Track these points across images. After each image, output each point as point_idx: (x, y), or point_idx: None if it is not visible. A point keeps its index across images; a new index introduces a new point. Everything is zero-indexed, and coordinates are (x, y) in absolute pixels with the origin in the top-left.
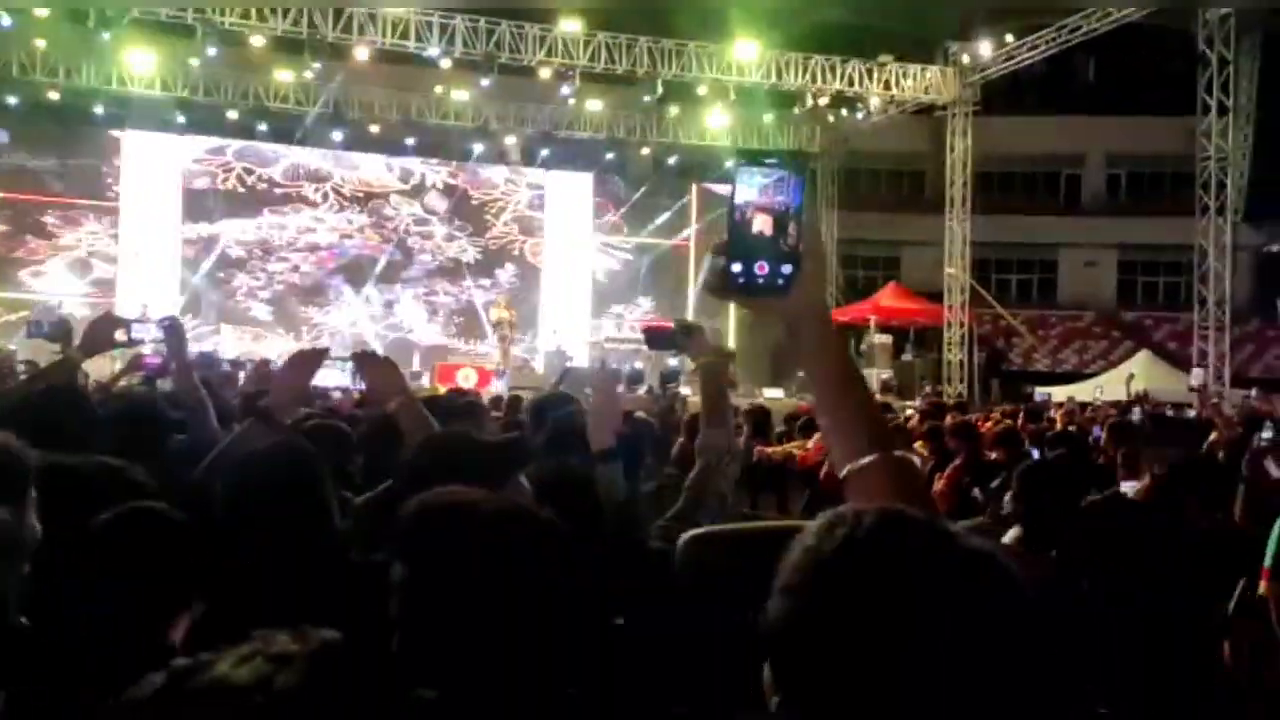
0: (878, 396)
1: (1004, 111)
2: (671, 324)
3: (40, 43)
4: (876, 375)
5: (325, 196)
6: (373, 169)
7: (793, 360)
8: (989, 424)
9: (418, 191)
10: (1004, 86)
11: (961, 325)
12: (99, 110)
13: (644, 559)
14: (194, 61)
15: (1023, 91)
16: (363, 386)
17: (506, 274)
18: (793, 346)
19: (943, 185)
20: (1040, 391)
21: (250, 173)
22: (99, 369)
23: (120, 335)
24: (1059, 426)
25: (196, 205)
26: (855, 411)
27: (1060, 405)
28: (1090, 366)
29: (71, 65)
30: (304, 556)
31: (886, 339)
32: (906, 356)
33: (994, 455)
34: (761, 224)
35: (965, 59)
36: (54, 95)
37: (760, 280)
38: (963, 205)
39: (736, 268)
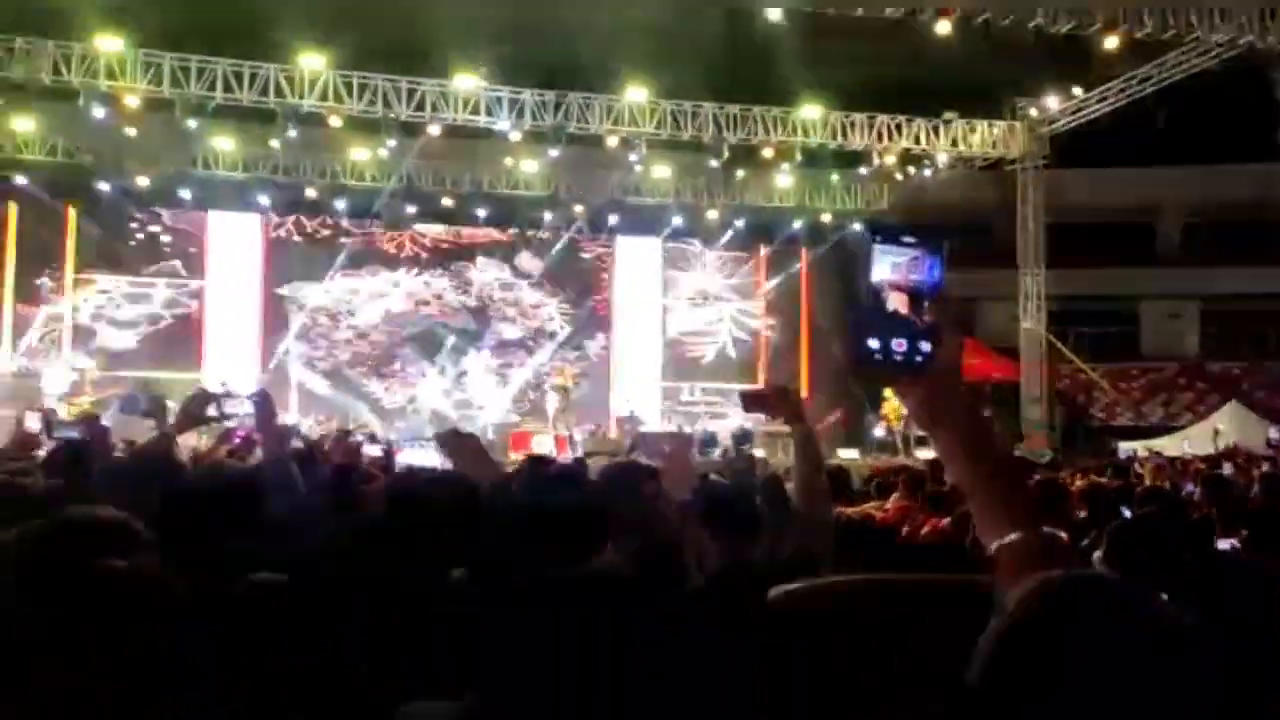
0: None
1: (1075, 163)
2: (768, 388)
3: (130, 131)
4: None
5: (401, 248)
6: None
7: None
8: (1075, 481)
9: (512, 249)
10: (1074, 137)
11: (1040, 382)
12: (185, 194)
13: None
14: (274, 143)
15: (1094, 142)
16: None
17: (595, 345)
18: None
19: (1015, 239)
20: (1124, 446)
21: (314, 215)
22: (184, 441)
23: (213, 410)
24: (1148, 482)
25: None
26: (999, 486)
27: (1146, 460)
28: (1177, 420)
29: (160, 153)
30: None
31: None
32: (985, 414)
33: (1081, 514)
34: (897, 302)
35: (1033, 113)
36: (143, 181)
37: (898, 357)
38: (1036, 259)
39: (873, 344)
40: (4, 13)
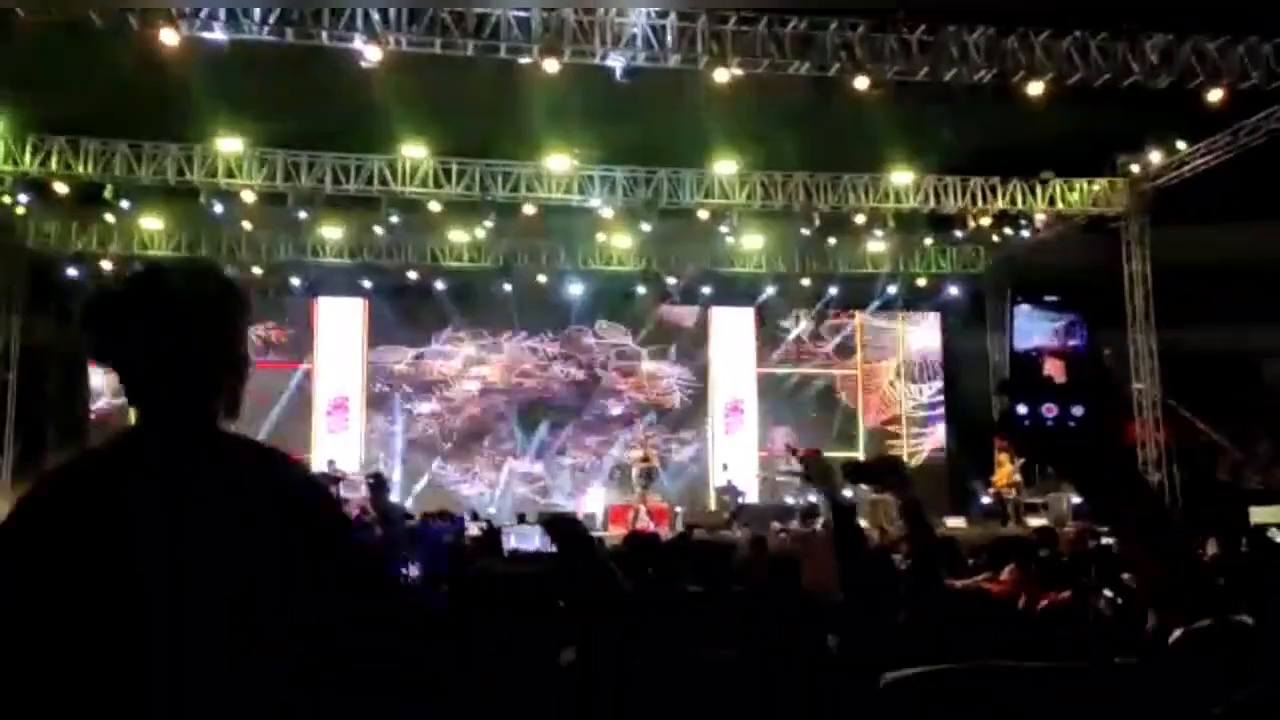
0: (1070, 523)
1: (1182, 217)
2: (878, 460)
3: (246, 225)
4: (1067, 499)
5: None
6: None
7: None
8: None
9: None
10: (1181, 191)
11: (1158, 444)
12: (296, 281)
13: None
14: (378, 229)
15: (1201, 195)
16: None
17: (702, 415)
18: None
19: (1123, 297)
20: (1257, 512)
21: (416, 296)
22: None
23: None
24: None
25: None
26: (1176, 566)
27: None
28: None
29: (272, 243)
30: None
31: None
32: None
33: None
34: (1052, 368)
35: (1134, 169)
36: (257, 270)
37: (1049, 423)
38: (1146, 318)
39: (1022, 410)
40: (136, 120)
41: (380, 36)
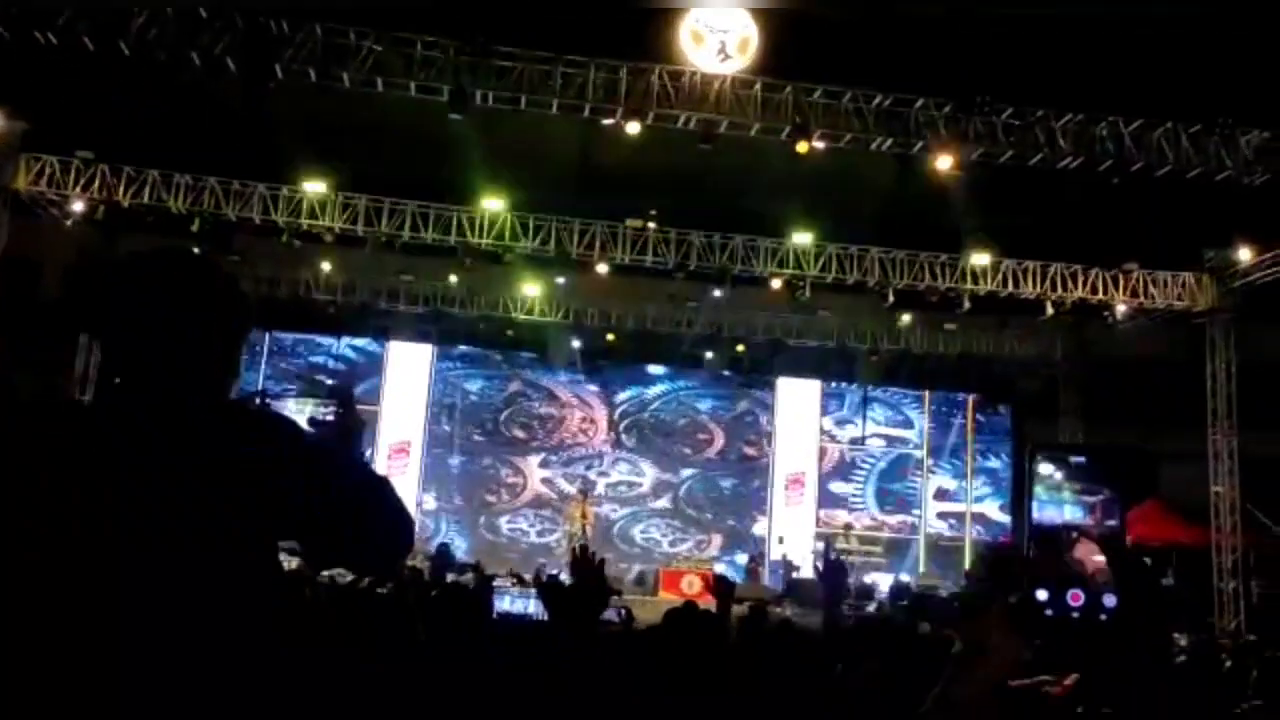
0: None
1: (1271, 316)
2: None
3: (325, 266)
4: None
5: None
6: None
7: None
8: None
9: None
10: (1269, 288)
11: (1234, 551)
12: (370, 324)
13: None
14: (453, 278)
15: None
16: None
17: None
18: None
19: (1204, 395)
20: None
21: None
22: None
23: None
24: None
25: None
26: None
27: None
28: None
29: (347, 283)
30: None
31: (1144, 561)
32: (1168, 581)
33: None
34: (1085, 552)
35: (1222, 263)
36: (332, 310)
37: (1074, 612)
38: (1227, 418)
39: (1042, 595)
40: (223, 157)
41: (468, 90)
